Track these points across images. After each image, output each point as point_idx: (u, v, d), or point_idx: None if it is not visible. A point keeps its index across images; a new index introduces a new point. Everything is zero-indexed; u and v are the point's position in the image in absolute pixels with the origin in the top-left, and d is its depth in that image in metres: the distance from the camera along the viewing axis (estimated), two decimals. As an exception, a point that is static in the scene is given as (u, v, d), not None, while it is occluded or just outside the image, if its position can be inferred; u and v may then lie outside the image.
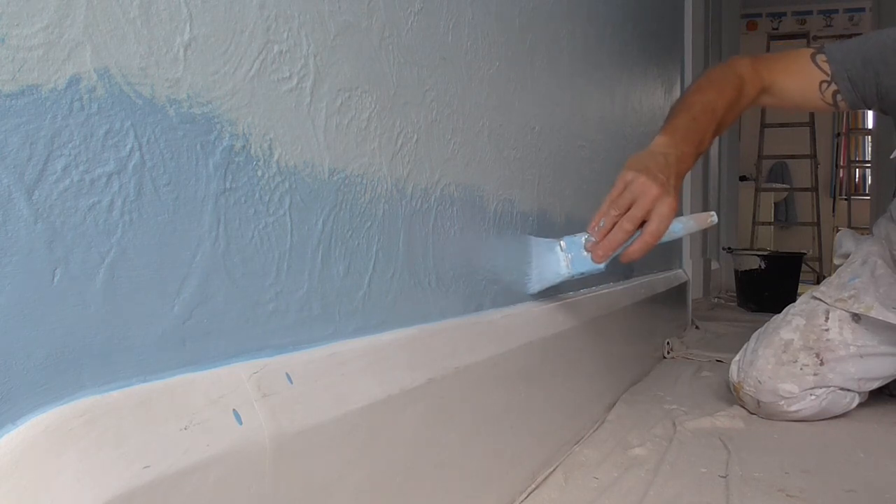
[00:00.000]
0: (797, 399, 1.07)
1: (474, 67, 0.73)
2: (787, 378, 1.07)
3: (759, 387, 1.09)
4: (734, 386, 1.14)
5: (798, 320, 1.13)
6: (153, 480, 0.35)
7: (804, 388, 1.07)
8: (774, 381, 1.08)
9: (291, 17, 0.48)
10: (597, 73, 1.16)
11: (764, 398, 1.09)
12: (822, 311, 1.12)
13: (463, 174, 0.71)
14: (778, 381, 1.08)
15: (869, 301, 1.08)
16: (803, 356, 1.09)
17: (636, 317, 1.38)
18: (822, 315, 1.12)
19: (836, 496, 0.79)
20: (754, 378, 1.10)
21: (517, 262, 0.84)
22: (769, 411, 1.10)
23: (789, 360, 1.09)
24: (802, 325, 1.11)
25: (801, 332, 1.11)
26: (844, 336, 1.09)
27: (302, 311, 0.49)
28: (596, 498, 0.77)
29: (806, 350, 1.09)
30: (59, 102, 0.33)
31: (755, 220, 4.97)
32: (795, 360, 1.09)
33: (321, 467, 0.46)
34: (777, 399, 1.08)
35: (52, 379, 0.33)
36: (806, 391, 1.07)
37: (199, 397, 0.39)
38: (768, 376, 1.08)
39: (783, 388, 1.07)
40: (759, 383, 1.09)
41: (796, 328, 1.12)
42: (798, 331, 1.11)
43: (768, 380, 1.08)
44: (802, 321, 1.12)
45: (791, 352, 1.09)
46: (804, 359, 1.08)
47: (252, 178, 0.45)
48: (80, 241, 0.34)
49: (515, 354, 0.76)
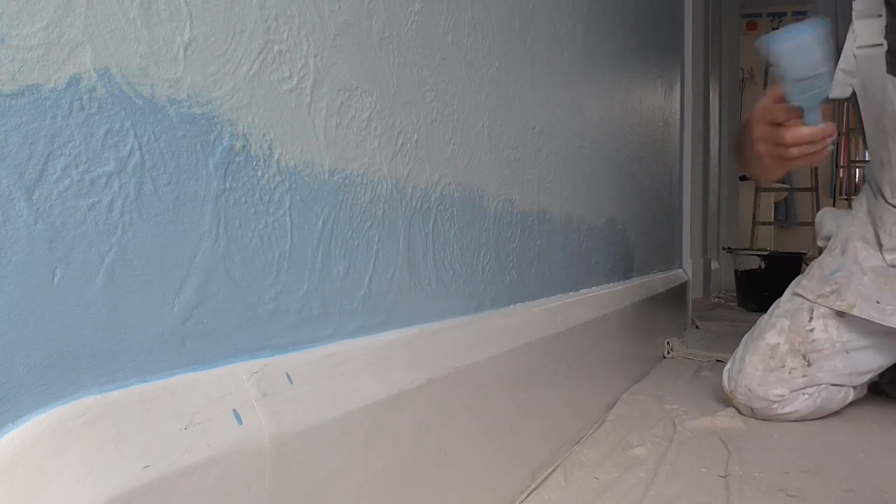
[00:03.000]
0: (789, 401, 1.07)
1: (474, 67, 0.73)
2: (776, 384, 1.07)
3: (750, 395, 1.09)
4: (728, 394, 1.14)
5: (782, 322, 1.12)
6: (153, 480, 0.35)
7: (794, 389, 1.07)
8: (764, 388, 1.07)
9: (291, 17, 0.48)
10: (597, 73, 1.16)
11: (756, 405, 1.09)
12: (805, 309, 1.11)
13: (463, 174, 0.71)
14: (768, 387, 1.07)
15: (851, 298, 1.07)
16: (790, 360, 1.08)
17: (636, 317, 1.38)
18: (806, 314, 1.10)
19: (836, 496, 0.79)
20: (744, 386, 1.09)
21: (517, 262, 0.84)
22: (764, 416, 1.10)
23: (777, 366, 1.08)
24: (787, 327, 1.10)
25: (787, 335, 1.10)
26: (830, 333, 1.08)
27: (302, 311, 0.49)
28: (596, 498, 0.77)
29: (792, 353, 1.09)
30: (59, 102, 0.33)
31: (755, 220, 4.97)
32: (783, 366, 1.08)
33: (321, 467, 0.46)
34: (770, 404, 1.08)
35: (52, 379, 0.33)
36: (797, 391, 1.07)
37: (199, 397, 0.39)
38: (757, 383, 1.08)
39: (773, 393, 1.07)
40: (749, 391, 1.09)
41: (781, 331, 1.11)
42: (783, 333, 1.10)
43: (758, 387, 1.08)
44: (787, 323, 1.11)
45: (778, 357, 1.09)
46: (791, 362, 1.08)
47: (252, 178, 0.45)
48: (80, 241, 0.34)
49: (515, 354, 0.76)
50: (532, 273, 0.89)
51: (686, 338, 1.85)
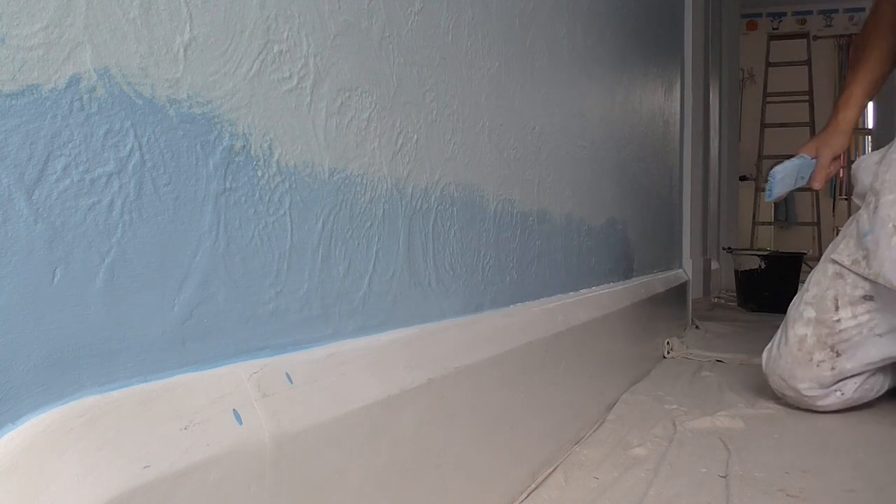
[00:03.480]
0: (822, 397, 1.10)
1: (474, 67, 0.73)
2: (804, 378, 1.09)
3: (782, 384, 1.13)
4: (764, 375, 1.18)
5: (809, 312, 1.11)
6: (153, 480, 0.35)
7: (824, 384, 1.09)
8: (794, 381, 1.10)
9: (291, 17, 0.48)
10: (597, 73, 1.16)
11: (788, 393, 1.13)
12: (831, 295, 1.09)
13: (463, 174, 0.71)
14: (796, 381, 1.10)
15: (877, 266, 1.03)
16: (818, 353, 1.09)
17: (636, 317, 1.38)
18: (832, 304, 1.09)
19: (836, 496, 0.79)
20: (777, 375, 1.13)
21: (517, 262, 0.84)
22: (798, 404, 1.13)
23: (805, 360, 1.09)
24: (813, 319, 1.10)
25: (814, 327, 1.10)
26: (859, 320, 1.07)
27: (302, 311, 0.49)
28: (596, 498, 0.77)
29: (820, 346, 1.09)
30: (59, 102, 0.33)
31: (755, 220, 4.97)
32: (811, 359, 1.09)
33: (321, 467, 0.46)
34: (801, 396, 1.11)
35: (52, 379, 0.33)
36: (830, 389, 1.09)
37: (199, 397, 0.39)
38: (789, 374, 1.11)
39: (802, 387, 1.10)
40: (781, 380, 1.12)
41: (808, 322, 1.11)
42: (810, 325, 1.10)
43: (789, 378, 1.11)
44: (813, 313, 1.11)
45: (805, 349, 1.10)
46: (819, 355, 1.09)
47: (252, 178, 0.45)
48: (80, 241, 0.34)
49: (515, 354, 0.76)
50: (532, 273, 0.89)
51: (686, 338, 1.85)
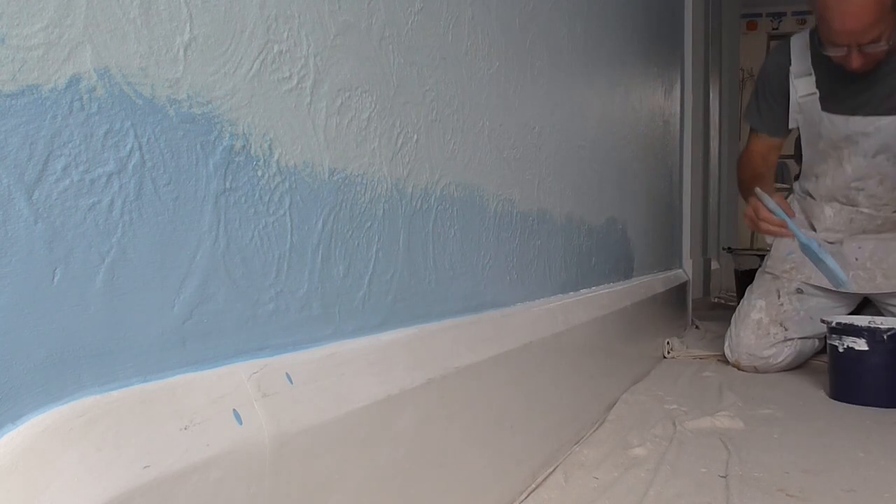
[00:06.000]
0: (777, 355, 1.54)
1: (474, 67, 0.73)
2: (766, 346, 1.54)
3: (751, 357, 1.54)
4: (733, 363, 1.57)
5: (760, 302, 1.59)
6: (153, 480, 0.35)
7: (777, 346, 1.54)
8: (759, 350, 1.54)
9: (291, 17, 0.48)
10: (597, 73, 1.16)
11: (757, 363, 1.54)
12: (774, 289, 1.60)
13: (463, 174, 0.71)
14: (761, 349, 1.54)
15: (807, 272, 1.55)
16: (772, 328, 1.55)
17: (636, 317, 1.38)
18: (775, 294, 1.59)
19: (836, 496, 0.79)
20: (744, 353, 1.54)
21: (517, 262, 0.84)
22: (765, 369, 1.53)
23: (764, 334, 1.55)
24: (765, 306, 1.58)
25: (766, 311, 1.57)
26: (794, 305, 1.57)
27: (302, 311, 0.49)
28: (596, 498, 0.77)
29: (773, 323, 1.55)
30: (59, 102, 0.33)
31: (755, 220, 4.96)
32: (768, 333, 1.55)
33: (321, 467, 0.46)
34: (766, 360, 1.54)
35: (52, 379, 0.33)
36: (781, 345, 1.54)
37: (199, 397, 0.39)
38: (754, 349, 1.54)
39: (766, 353, 1.54)
40: (750, 355, 1.54)
41: (761, 309, 1.58)
42: (763, 310, 1.57)
43: (755, 351, 1.54)
44: (763, 302, 1.58)
45: (763, 327, 1.56)
46: (773, 330, 1.55)
47: (252, 178, 0.45)
48: (80, 241, 0.34)
49: (515, 354, 0.76)
50: (532, 273, 0.89)
51: (686, 338, 1.85)
